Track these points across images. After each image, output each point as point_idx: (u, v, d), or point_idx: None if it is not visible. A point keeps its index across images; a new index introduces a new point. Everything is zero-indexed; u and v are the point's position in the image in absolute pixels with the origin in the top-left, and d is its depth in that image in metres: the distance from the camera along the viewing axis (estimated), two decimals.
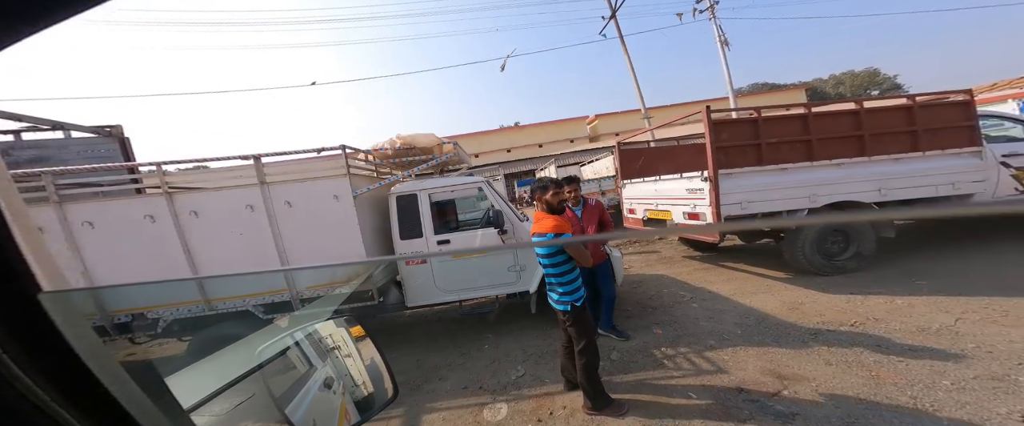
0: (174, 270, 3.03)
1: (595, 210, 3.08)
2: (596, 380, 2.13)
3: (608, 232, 3.13)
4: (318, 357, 0.94)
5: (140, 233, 2.98)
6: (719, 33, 10.33)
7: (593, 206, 3.10)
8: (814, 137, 3.91)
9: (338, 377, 0.94)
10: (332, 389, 0.89)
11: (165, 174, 2.99)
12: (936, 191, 4.00)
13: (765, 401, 2.03)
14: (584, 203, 3.09)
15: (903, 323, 2.73)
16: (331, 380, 0.91)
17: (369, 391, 0.97)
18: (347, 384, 0.95)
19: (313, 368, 0.90)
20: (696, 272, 4.80)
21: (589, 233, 3.00)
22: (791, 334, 2.78)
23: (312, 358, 0.92)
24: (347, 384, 0.95)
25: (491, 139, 25.47)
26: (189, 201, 3.03)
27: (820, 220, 4.78)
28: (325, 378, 0.90)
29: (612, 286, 3.15)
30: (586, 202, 3.10)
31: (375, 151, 3.53)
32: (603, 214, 3.13)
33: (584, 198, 3.11)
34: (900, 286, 3.48)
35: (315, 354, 0.94)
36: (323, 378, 0.89)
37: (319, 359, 0.94)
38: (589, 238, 2.78)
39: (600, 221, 3.09)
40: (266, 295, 3.14)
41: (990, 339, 2.36)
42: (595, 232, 3.02)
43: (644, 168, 5.78)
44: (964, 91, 4.23)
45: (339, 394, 0.91)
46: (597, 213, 3.09)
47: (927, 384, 2.00)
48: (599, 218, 3.09)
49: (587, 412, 2.15)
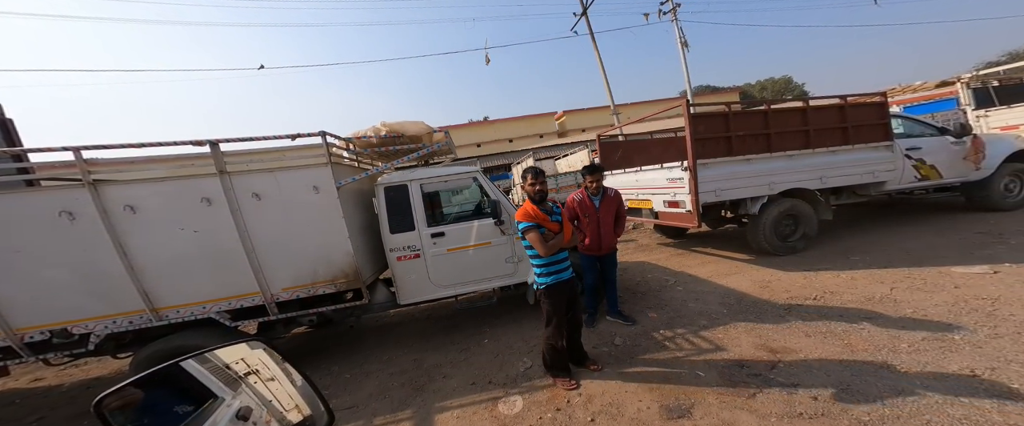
0: (104, 278, 2.49)
1: (613, 202, 3.06)
2: (554, 354, 2.43)
3: (622, 222, 3.15)
4: (225, 387, 0.83)
5: (53, 234, 2.39)
6: (680, 35, 10.88)
7: (612, 197, 3.07)
8: (772, 131, 4.32)
9: (260, 405, 0.85)
10: (250, 420, 0.80)
11: (88, 161, 2.40)
12: (861, 178, 4.67)
13: (766, 373, 2.23)
14: (603, 194, 3.05)
15: (853, 294, 3.17)
16: (248, 410, 0.81)
17: (305, 413, 0.88)
18: (274, 410, 0.86)
19: (218, 400, 0.79)
20: (673, 258, 5.13)
21: (607, 221, 3.03)
22: (769, 310, 3.08)
23: (215, 389, 0.81)
24: (274, 410, 0.86)
25: (460, 134, 24.85)
26: (122, 193, 2.48)
27: None
28: (239, 410, 0.79)
29: (615, 271, 3.21)
30: (606, 193, 3.06)
31: (358, 139, 3.18)
32: (620, 206, 3.11)
33: (604, 189, 3.06)
34: (840, 262, 4.03)
35: (221, 384, 0.83)
36: (235, 410, 0.79)
37: (227, 389, 0.83)
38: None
39: (617, 213, 3.08)
40: (233, 299, 2.72)
41: (921, 304, 2.83)
42: (613, 223, 3.06)
43: (622, 160, 5.99)
44: (880, 94, 4.95)
45: (263, 424, 0.82)
46: (615, 205, 3.07)
47: (891, 348, 2.33)
48: (616, 210, 3.08)
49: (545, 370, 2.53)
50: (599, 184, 2.99)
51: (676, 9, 10.93)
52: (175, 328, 2.70)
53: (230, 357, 0.88)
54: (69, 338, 2.52)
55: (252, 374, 0.90)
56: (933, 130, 5.09)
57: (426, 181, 3.21)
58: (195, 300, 2.66)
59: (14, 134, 3.54)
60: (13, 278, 2.36)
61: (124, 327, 2.56)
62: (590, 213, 3.03)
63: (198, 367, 0.80)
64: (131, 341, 2.78)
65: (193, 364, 0.79)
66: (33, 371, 3.91)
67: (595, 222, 3.02)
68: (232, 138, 2.61)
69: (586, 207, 3.03)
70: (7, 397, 3.45)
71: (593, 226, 3.02)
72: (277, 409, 0.88)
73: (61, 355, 2.60)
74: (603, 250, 3.08)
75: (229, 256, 2.66)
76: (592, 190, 3.02)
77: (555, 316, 2.34)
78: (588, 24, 10.87)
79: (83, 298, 2.48)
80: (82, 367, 3.87)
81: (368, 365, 3.11)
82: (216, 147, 2.57)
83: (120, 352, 2.82)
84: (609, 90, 11.00)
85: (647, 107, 24.70)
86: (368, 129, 3.21)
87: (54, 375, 3.79)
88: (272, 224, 2.73)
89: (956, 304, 2.74)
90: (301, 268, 2.82)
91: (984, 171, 4.98)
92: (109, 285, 2.49)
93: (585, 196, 3.06)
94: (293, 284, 2.83)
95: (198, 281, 2.65)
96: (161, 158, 2.64)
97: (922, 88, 8.38)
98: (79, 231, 2.41)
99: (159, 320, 2.61)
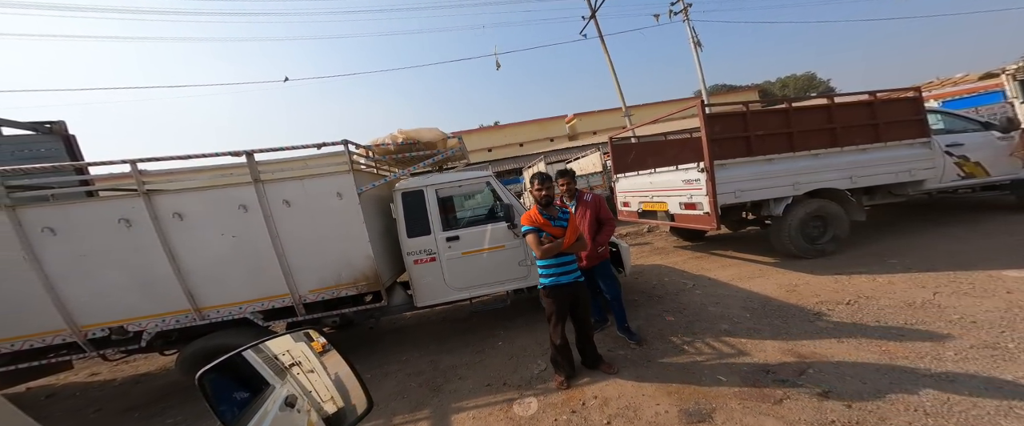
0: (156, 280, 2.73)
1: (590, 206, 2.85)
2: (554, 351, 2.50)
3: (607, 230, 2.85)
4: (275, 376, 0.89)
5: (113, 239, 2.65)
6: (692, 35, 10.75)
7: (589, 202, 2.87)
8: (794, 130, 4.18)
9: (302, 395, 0.90)
10: (296, 408, 0.86)
11: (143, 172, 2.67)
12: (896, 177, 4.42)
13: (794, 379, 2.13)
14: (578, 198, 2.89)
15: (890, 299, 2.98)
16: (294, 398, 0.86)
17: (339, 406, 0.93)
18: (313, 401, 0.92)
19: (270, 388, 0.85)
20: (691, 261, 4.99)
21: (583, 230, 2.75)
22: (796, 315, 2.95)
23: (268, 377, 0.87)
24: (313, 401, 0.92)
25: (472, 139, 25.22)
26: (171, 202, 2.73)
27: None
28: (286, 397, 0.85)
29: (614, 285, 2.88)
30: (581, 197, 2.89)
31: (376, 146, 3.35)
32: (602, 210, 2.87)
33: (579, 192, 2.92)
34: (875, 265, 3.80)
35: (272, 373, 0.89)
36: (284, 397, 0.85)
37: (277, 377, 0.89)
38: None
39: (598, 218, 2.85)
40: (265, 301, 2.90)
41: (969, 310, 2.63)
42: (591, 230, 2.81)
43: (635, 163, 5.94)
44: (913, 88, 4.70)
45: (305, 412, 0.88)
46: (592, 209, 2.85)
47: (934, 356, 2.16)
48: (596, 215, 2.84)
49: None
50: (570, 189, 2.86)
51: (687, 9, 10.82)
52: (214, 327, 2.90)
53: (278, 348, 0.96)
54: (125, 335, 2.77)
55: (295, 365, 0.97)
56: (977, 125, 4.78)
57: (441, 186, 3.32)
58: (233, 301, 2.86)
59: (77, 149, 3.96)
60: (79, 280, 2.63)
61: (172, 325, 2.79)
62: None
63: (255, 356, 0.88)
64: (177, 339, 3.00)
65: (250, 354, 0.87)
66: (90, 366, 4.27)
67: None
68: (264, 148, 2.83)
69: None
70: (70, 389, 3.79)
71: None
72: (315, 399, 0.94)
73: (117, 351, 2.86)
74: (586, 263, 2.77)
75: (263, 259, 2.85)
76: (566, 196, 2.89)
77: (553, 315, 2.43)
78: (597, 27, 10.93)
79: (137, 298, 2.73)
80: (132, 363, 4.19)
81: (387, 366, 3.20)
82: (251, 157, 2.79)
83: (167, 349, 3.05)
84: (620, 92, 10.96)
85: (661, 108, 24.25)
86: (386, 136, 3.38)
87: (108, 370, 4.13)
88: (300, 229, 2.90)
89: (1009, 310, 2.53)
90: (326, 271, 2.98)
91: None
92: (159, 286, 2.73)
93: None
94: (319, 286, 2.98)
95: (235, 283, 2.85)
96: (202, 168, 2.88)
97: (964, 81, 7.85)
98: (135, 237, 2.67)
99: (201, 319, 2.82)
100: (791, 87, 44.34)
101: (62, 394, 3.70)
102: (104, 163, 2.78)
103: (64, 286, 2.60)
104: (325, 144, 2.95)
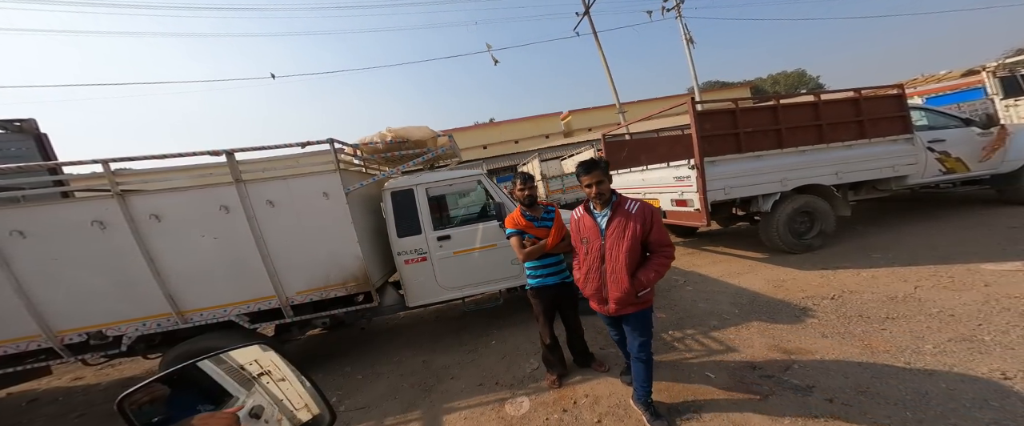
0: (134, 283, 2.63)
1: (635, 220, 1.78)
2: (543, 349, 2.52)
3: (657, 261, 1.79)
4: (240, 386, 0.88)
5: (87, 242, 2.54)
6: (685, 31, 10.73)
7: (632, 214, 1.79)
8: (783, 126, 4.20)
9: (272, 404, 0.89)
10: (263, 418, 0.84)
11: (116, 173, 2.56)
12: (880, 173, 4.50)
13: (780, 376, 2.17)
14: (614, 206, 1.85)
15: (873, 293, 3.05)
16: (260, 409, 0.85)
17: (314, 413, 0.92)
18: (285, 409, 0.91)
19: (233, 400, 0.84)
20: (682, 257, 5.05)
21: (619, 256, 1.76)
22: (783, 310, 3.00)
23: (231, 389, 0.86)
24: (285, 409, 0.91)
25: (466, 136, 25.03)
26: (147, 203, 2.63)
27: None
28: (252, 408, 0.83)
29: (647, 345, 1.89)
30: (618, 205, 1.85)
31: (364, 145, 3.27)
32: (655, 228, 1.78)
33: (616, 196, 1.87)
34: (860, 260, 3.88)
35: (235, 384, 0.88)
36: (249, 409, 0.83)
37: (242, 388, 0.88)
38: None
39: (645, 239, 1.79)
40: (251, 303, 2.84)
41: (947, 303, 2.71)
42: (631, 258, 1.77)
43: (628, 159, 5.94)
44: (896, 85, 4.76)
45: (275, 422, 0.86)
46: (638, 225, 1.77)
47: (914, 349, 2.23)
48: (644, 235, 1.78)
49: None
50: (602, 191, 1.80)
51: (680, 6, 10.79)
52: (199, 330, 2.83)
53: (244, 359, 0.94)
54: (104, 340, 2.68)
55: (265, 375, 0.95)
56: (958, 121, 4.88)
57: (432, 185, 3.27)
58: (216, 303, 2.79)
59: (49, 148, 3.78)
60: (52, 284, 2.53)
61: (153, 329, 2.70)
62: (591, 238, 1.86)
63: (215, 368, 0.86)
64: (160, 342, 2.92)
65: (210, 365, 0.85)
66: (73, 370, 4.15)
67: (597, 254, 1.82)
68: (246, 147, 2.73)
69: (587, 228, 1.89)
70: (51, 395, 3.67)
71: (592, 259, 1.85)
72: (288, 408, 0.92)
73: (98, 356, 2.76)
74: (612, 306, 1.82)
75: (246, 261, 2.78)
76: (594, 201, 1.87)
77: (541, 316, 2.43)
78: (591, 24, 10.85)
79: (115, 302, 2.63)
80: (117, 367, 4.09)
81: (379, 366, 3.18)
82: (232, 156, 2.69)
83: (151, 353, 2.96)
84: (614, 88, 10.93)
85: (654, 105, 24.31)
86: (374, 135, 3.30)
87: (92, 374, 4.02)
88: (286, 230, 2.83)
89: (986, 303, 2.61)
90: (314, 272, 2.92)
91: (1014, 163, 4.72)
92: (138, 290, 2.64)
93: (585, 211, 1.94)
94: (306, 287, 2.92)
95: (219, 285, 2.77)
96: (181, 168, 2.77)
97: (947, 77, 8.01)
98: (109, 239, 2.56)
99: (184, 323, 2.74)
100: (782, 84, 44.89)
101: (44, 399, 3.59)
102: (74, 163, 2.66)
103: (36, 291, 2.50)
104: (310, 143, 2.87)
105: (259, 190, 2.76)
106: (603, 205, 1.87)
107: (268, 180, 2.79)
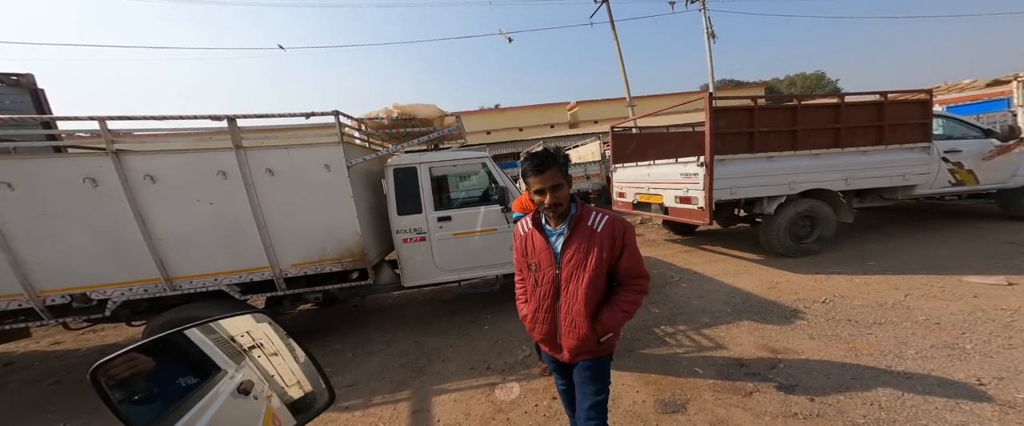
0: (123, 246, 2.58)
1: (600, 240, 1.26)
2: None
3: (625, 296, 1.32)
4: (229, 360, 0.81)
5: (78, 199, 2.48)
6: (707, 25, 10.54)
7: (597, 233, 1.26)
8: (800, 128, 4.09)
9: (261, 380, 0.83)
10: (251, 394, 0.78)
11: (112, 132, 2.48)
12: (890, 181, 4.43)
13: (765, 373, 2.21)
14: (573, 222, 1.30)
15: (864, 299, 3.08)
16: (249, 384, 0.79)
17: (306, 390, 0.87)
18: (276, 386, 0.85)
19: (222, 373, 0.77)
20: (680, 254, 5.06)
21: (570, 291, 1.29)
22: (774, 311, 3.03)
23: (219, 362, 0.79)
24: (276, 386, 0.85)
25: (471, 120, 24.75)
26: (143, 163, 2.56)
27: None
28: (240, 383, 0.77)
29: (603, 406, 1.31)
30: (580, 219, 1.30)
31: (369, 120, 3.20)
32: (626, 253, 1.29)
33: (577, 207, 1.31)
34: (855, 266, 3.90)
35: (225, 356, 0.81)
36: (237, 384, 0.77)
37: (231, 361, 0.81)
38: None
39: (611, 267, 1.32)
40: (243, 273, 2.81)
41: (934, 312, 2.74)
42: (591, 293, 1.26)
43: (634, 153, 5.88)
44: (925, 90, 4.56)
45: (264, 399, 0.80)
46: (602, 249, 1.27)
47: (896, 354, 2.27)
48: (610, 263, 1.29)
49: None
50: (558, 200, 1.22)
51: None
52: (188, 298, 2.80)
53: (235, 329, 0.88)
54: (88, 303, 2.62)
55: (256, 348, 0.90)
56: (977, 131, 4.75)
57: (435, 164, 3.22)
58: (207, 272, 2.76)
59: (45, 103, 3.68)
60: (38, 242, 2.47)
61: (140, 295, 2.67)
62: (542, 264, 1.33)
63: (203, 338, 0.79)
64: (146, 309, 2.90)
65: (198, 334, 0.78)
66: (53, 334, 4.08)
67: (549, 287, 1.32)
68: (249, 114, 2.66)
69: (536, 249, 1.34)
70: (27, 359, 3.56)
71: (542, 293, 1.34)
72: (278, 384, 0.88)
73: (80, 319, 2.72)
74: (565, 353, 1.33)
75: (241, 230, 2.74)
76: (546, 214, 1.30)
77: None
78: (609, 11, 10.60)
79: (102, 265, 2.59)
80: (99, 332, 4.05)
81: (370, 345, 3.19)
82: (233, 122, 2.62)
83: (135, 319, 2.93)
84: (626, 80, 10.77)
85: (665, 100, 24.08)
86: (380, 110, 3.23)
87: (73, 339, 3.95)
88: (284, 200, 2.78)
89: (973, 314, 2.65)
90: (310, 245, 2.89)
91: (1022, 178, 4.68)
92: (127, 253, 2.59)
93: (533, 226, 1.36)
94: (301, 261, 2.90)
95: (211, 253, 2.74)
96: (182, 131, 2.70)
97: (970, 86, 7.77)
98: (101, 198, 2.50)
99: (172, 290, 2.71)
100: (799, 85, 44.12)
101: (20, 363, 3.49)
102: (70, 118, 2.57)
103: (21, 247, 2.43)
104: (314, 114, 2.80)
105: (259, 158, 2.70)
106: (559, 220, 1.29)
107: (269, 148, 2.73)
